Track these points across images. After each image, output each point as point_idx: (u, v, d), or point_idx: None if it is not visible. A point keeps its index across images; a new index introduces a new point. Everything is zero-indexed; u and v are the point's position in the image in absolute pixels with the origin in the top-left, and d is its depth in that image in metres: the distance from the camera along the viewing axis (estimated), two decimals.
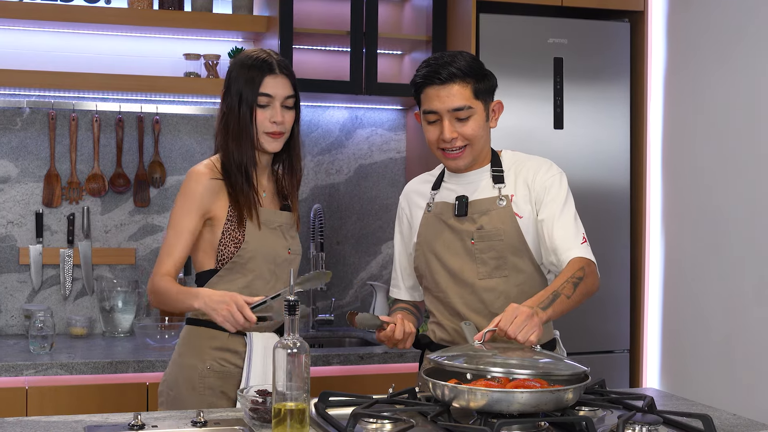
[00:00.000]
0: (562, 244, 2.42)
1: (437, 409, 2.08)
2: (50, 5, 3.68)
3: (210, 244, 2.53)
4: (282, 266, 2.58)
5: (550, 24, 3.83)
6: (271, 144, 2.55)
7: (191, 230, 2.50)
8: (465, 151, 2.46)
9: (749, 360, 3.38)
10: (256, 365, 2.49)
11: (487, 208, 2.48)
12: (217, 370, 2.51)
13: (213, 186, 2.51)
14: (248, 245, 2.51)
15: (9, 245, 3.85)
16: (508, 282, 2.48)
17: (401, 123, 4.29)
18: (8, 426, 2.10)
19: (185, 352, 2.55)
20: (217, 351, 2.52)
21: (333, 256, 4.20)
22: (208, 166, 2.54)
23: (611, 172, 3.90)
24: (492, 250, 2.46)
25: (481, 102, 2.45)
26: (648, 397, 2.19)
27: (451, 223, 2.50)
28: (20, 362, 3.24)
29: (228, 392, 2.52)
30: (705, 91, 3.64)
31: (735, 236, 3.46)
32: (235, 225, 2.51)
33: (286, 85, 2.55)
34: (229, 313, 2.32)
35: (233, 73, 2.55)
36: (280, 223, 2.59)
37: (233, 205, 2.51)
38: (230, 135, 2.52)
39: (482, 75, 2.46)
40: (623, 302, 3.92)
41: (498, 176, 2.51)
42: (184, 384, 2.52)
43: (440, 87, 2.42)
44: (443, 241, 2.51)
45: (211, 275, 2.53)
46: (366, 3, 3.84)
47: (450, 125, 2.43)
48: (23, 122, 3.87)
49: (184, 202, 2.51)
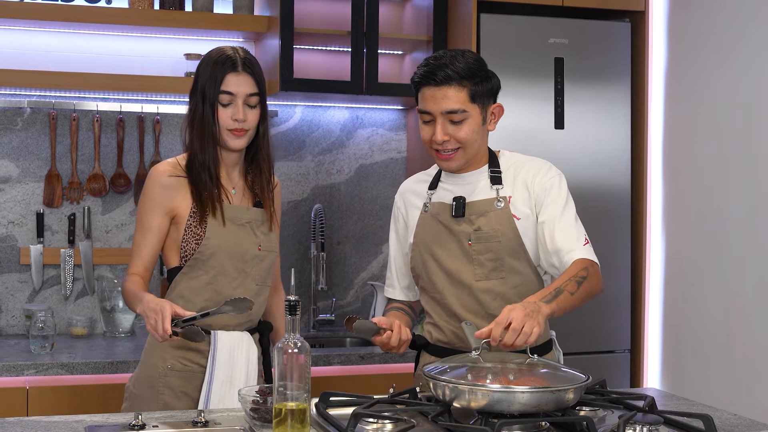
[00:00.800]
0: (564, 246, 2.40)
1: (438, 409, 2.08)
2: (51, 5, 3.68)
3: (175, 241, 2.52)
4: (251, 263, 2.54)
5: (551, 24, 3.84)
6: (234, 141, 2.52)
7: (155, 228, 2.50)
8: (457, 154, 2.43)
9: (750, 360, 3.38)
10: (220, 365, 2.47)
11: (484, 210, 2.46)
12: (178, 369, 2.50)
13: (173, 183, 2.51)
14: (209, 241, 2.49)
15: (10, 245, 3.85)
16: (505, 284, 2.45)
17: (402, 123, 4.29)
18: (9, 426, 2.10)
19: (149, 351, 2.56)
20: (180, 350, 2.50)
21: (334, 256, 4.20)
22: (170, 164, 2.54)
23: (612, 172, 3.90)
24: (489, 251, 2.44)
25: (478, 105, 2.40)
26: (649, 397, 2.19)
27: (448, 224, 2.48)
28: (21, 362, 3.24)
29: (190, 392, 2.51)
30: (705, 91, 3.64)
31: (735, 236, 3.46)
32: (197, 221, 2.49)
33: (249, 82, 2.51)
34: (156, 323, 2.28)
35: (200, 70, 2.54)
36: (249, 220, 2.55)
37: (195, 202, 2.50)
38: (195, 133, 2.52)
39: (482, 78, 2.41)
40: (624, 302, 3.92)
41: (496, 177, 2.48)
42: (147, 383, 2.52)
43: (436, 88, 2.38)
44: (440, 242, 2.48)
45: (177, 272, 2.53)
46: (367, 3, 3.84)
47: (442, 127, 2.39)
48: (24, 122, 3.87)
49: (145, 201, 2.53)
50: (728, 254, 3.49)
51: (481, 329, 2.18)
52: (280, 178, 4.13)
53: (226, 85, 2.48)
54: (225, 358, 2.47)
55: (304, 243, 4.16)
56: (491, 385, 1.99)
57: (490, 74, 2.45)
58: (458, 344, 2.48)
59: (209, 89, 2.49)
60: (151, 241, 2.51)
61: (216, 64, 2.50)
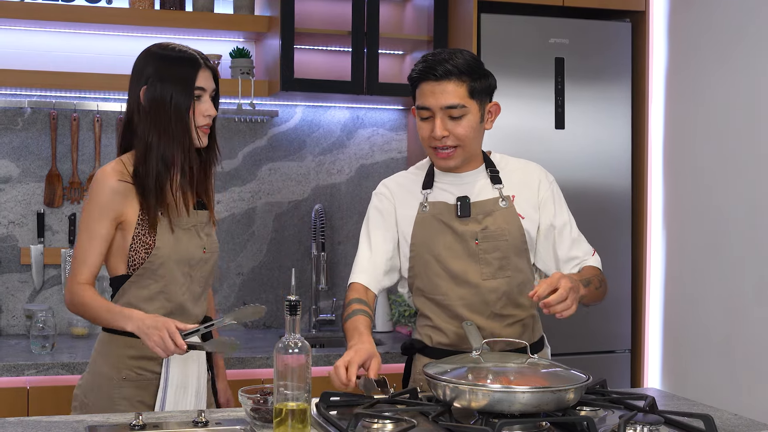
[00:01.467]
0: (578, 254, 2.52)
1: (438, 409, 2.08)
2: (52, 5, 3.68)
3: (121, 249, 2.42)
4: (196, 267, 2.48)
5: (552, 24, 3.84)
6: (203, 139, 2.45)
7: (104, 235, 2.39)
8: (456, 152, 2.44)
9: (750, 360, 3.38)
10: (174, 369, 2.42)
11: (490, 209, 2.48)
12: (132, 380, 2.42)
13: (121, 189, 2.39)
14: (159, 251, 2.40)
15: (10, 245, 3.85)
16: (510, 282, 2.48)
17: (402, 123, 4.29)
18: (9, 426, 2.10)
19: (100, 361, 2.45)
20: (133, 360, 2.42)
21: (334, 256, 4.20)
22: (115, 168, 2.41)
23: (612, 172, 3.90)
24: (497, 250, 2.46)
25: (476, 102, 2.41)
26: (649, 397, 2.19)
27: (453, 225, 2.48)
28: (21, 362, 3.24)
29: (146, 400, 2.43)
30: (706, 91, 3.64)
31: (736, 236, 3.46)
32: (146, 230, 2.39)
33: (211, 78, 2.47)
34: (161, 340, 2.24)
35: (158, 67, 2.41)
36: (195, 223, 2.47)
37: (144, 210, 2.40)
38: (159, 131, 2.39)
39: (480, 74, 2.42)
40: (624, 302, 3.92)
41: (495, 177, 2.50)
42: (99, 393, 2.43)
43: (435, 83, 2.39)
44: (444, 243, 2.48)
45: (124, 280, 2.44)
46: (367, 3, 3.84)
47: (442, 123, 2.40)
48: (24, 122, 3.87)
49: (93, 206, 2.39)
50: (728, 254, 3.49)
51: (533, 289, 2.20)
52: (280, 178, 4.14)
53: (198, 81, 2.41)
54: (178, 362, 2.42)
55: (304, 243, 4.17)
56: (492, 385, 1.99)
57: (487, 72, 2.46)
58: (462, 345, 2.47)
59: (181, 86, 2.39)
60: (99, 249, 2.40)
61: (183, 60, 2.42)
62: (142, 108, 2.41)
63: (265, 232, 4.13)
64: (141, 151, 2.41)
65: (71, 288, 2.41)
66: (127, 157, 2.45)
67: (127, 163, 2.43)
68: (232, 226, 4.07)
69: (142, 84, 2.41)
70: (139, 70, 2.44)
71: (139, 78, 2.43)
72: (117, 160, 2.45)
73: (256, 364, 3.44)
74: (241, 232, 4.09)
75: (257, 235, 4.12)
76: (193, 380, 2.44)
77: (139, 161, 2.41)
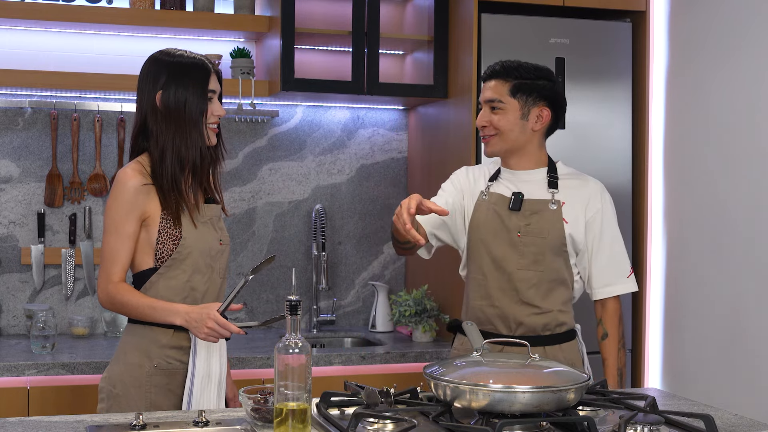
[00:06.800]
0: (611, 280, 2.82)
1: (439, 409, 2.08)
2: (52, 5, 3.68)
3: (147, 244, 2.55)
4: (216, 258, 2.61)
5: (552, 24, 3.83)
6: (212, 137, 2.62)
7: (131, 234, 2.52)
8: (494, 139, 2.76)
9: (751, 360, 3.38)
10: (200, 359, 2.52)
11: (539, 208, 2.73)
12: (164, 368, 2.54)
13: (143, 187, 2.53)
14: (186, 241, 2.54)
15: (11, 245, 3.85)
16: (542, 276, 2.72)
17: (403, 123, 4.29)
18: (10, 426, 2.10)
19: (131, 351, 2.55)
20: (164, 349, 2.54)
21: (335, 256, 4.20)
22: (135, 169, 2.54)
23: (613, 172, 3.90)
24: (534, 245, 2.71)
25: (518, 101, 2.73)
26: (650, 397, 2.20)
27: (502, 215, 2.75)
28: (22, 362, 3.24)
29: (174, 389, 2.55)
30: (707, 90, 3.64)
31: (736, 236, 3.46)
32: (171, 223, 2.53)
33: (217, 80, 2.64)
34: (212, 331, 2.42)
35: (173, 73, 2.56)
36: (210, 216, 2.62)
37: (165, 208, 2.53)
38: (177, 133, 2.54)
39: (530, 78, 2.73)
40: (625, 302, 3.89)
41: (553, 182, 2.77)
42: (131, 382, 2.52)
43: (487, 81, 2.78)
44: (492, 230, 2.74)
45: (151, 273, 2.55)
46: (368, 3, 3.84)
47: (484, 113, 2.77)
48: (25, 122, 3.87)
49: (119, 206, 2.52)
50: (729, 254, 3.49)
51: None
52: (281, 178, 4.14)
53: (210, 84, 2.59)
54: (204, 352, 2.53)
55: (305, 243, 4.17)
56: (492, 385, 2.00)
57: (542, 78, 2.76)
58: (484, 326, 2.72)
59: (197, 89, 2.55)
60: (128, 247, 2.52)
61: (194, 66, 2.58)
62: (159, 112, 2.55)
63: (265, 232, 4.13)
64: (158, 153, 2.55)
65: (106, 288, 2.52)
66: (143, 158, 2.59)
67: (145, 164, 2.57)
68: (233, 226, 4.07)
69: (158, 89, 2.56)
70: (153, 76, 2.59)
71: (154, 84, 2.57)
72: (135, 161, 2.59)
73: (256, 364, 3.44)
74: (241, 232, 4.09)
75: (257, 235, 4.12)
76: (215, 369, 2.55)
77: (157, 162, 2.55)
